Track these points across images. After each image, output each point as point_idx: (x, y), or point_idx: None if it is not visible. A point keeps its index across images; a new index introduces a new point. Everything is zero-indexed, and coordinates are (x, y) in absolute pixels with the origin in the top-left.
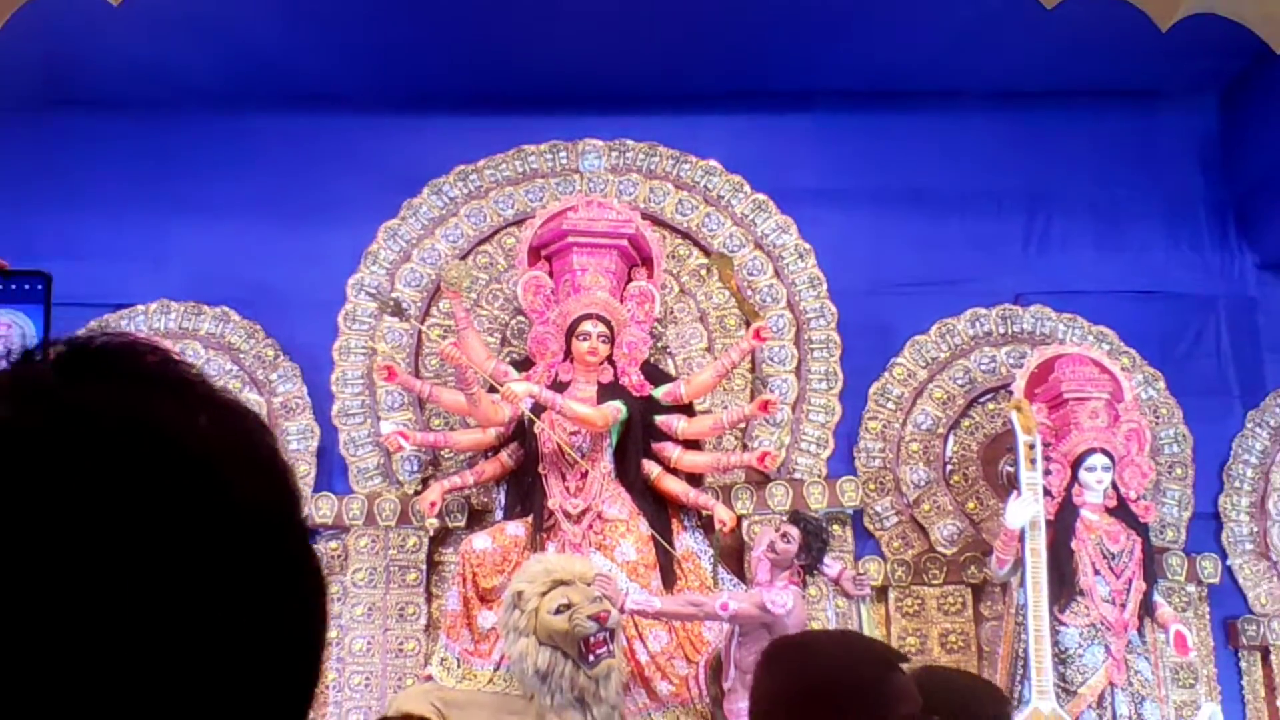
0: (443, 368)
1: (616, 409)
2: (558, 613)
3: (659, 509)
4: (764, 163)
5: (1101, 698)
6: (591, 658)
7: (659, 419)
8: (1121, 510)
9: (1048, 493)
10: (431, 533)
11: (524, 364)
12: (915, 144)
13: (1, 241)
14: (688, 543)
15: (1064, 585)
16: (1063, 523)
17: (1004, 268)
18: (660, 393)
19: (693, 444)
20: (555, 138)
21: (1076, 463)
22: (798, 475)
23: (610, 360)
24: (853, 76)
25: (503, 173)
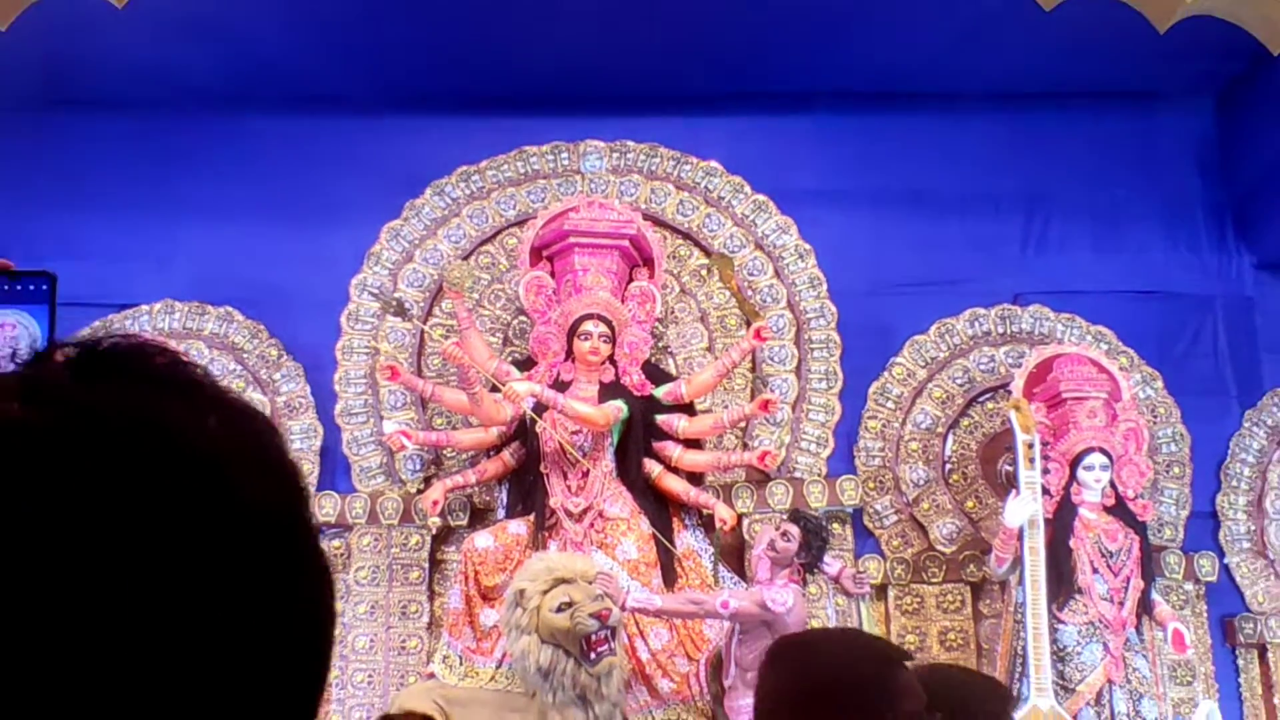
0: (445, 367)
1: (618, 408)
2: (559, 611)
3: (660, 507)
4: (764, 164)
5: (1100, 695)
6: (593, 655)
7: (660, 418)
8: (1119, 509)
9: (1046, 491)
10: (434, 531)
11: (526, 363)
12: (914, 145)
13: (6, 241)
14: (688, 541)
15: (1062, 583)
16: (1061, 521)
17: (1003, 268)
18: (661, 392)
19: (693, 443)
20: (557, 139)
21: (1075, 462)
22: (798, 474)
23: (611, 360)
24: (852, 78)
25: (505, 173)
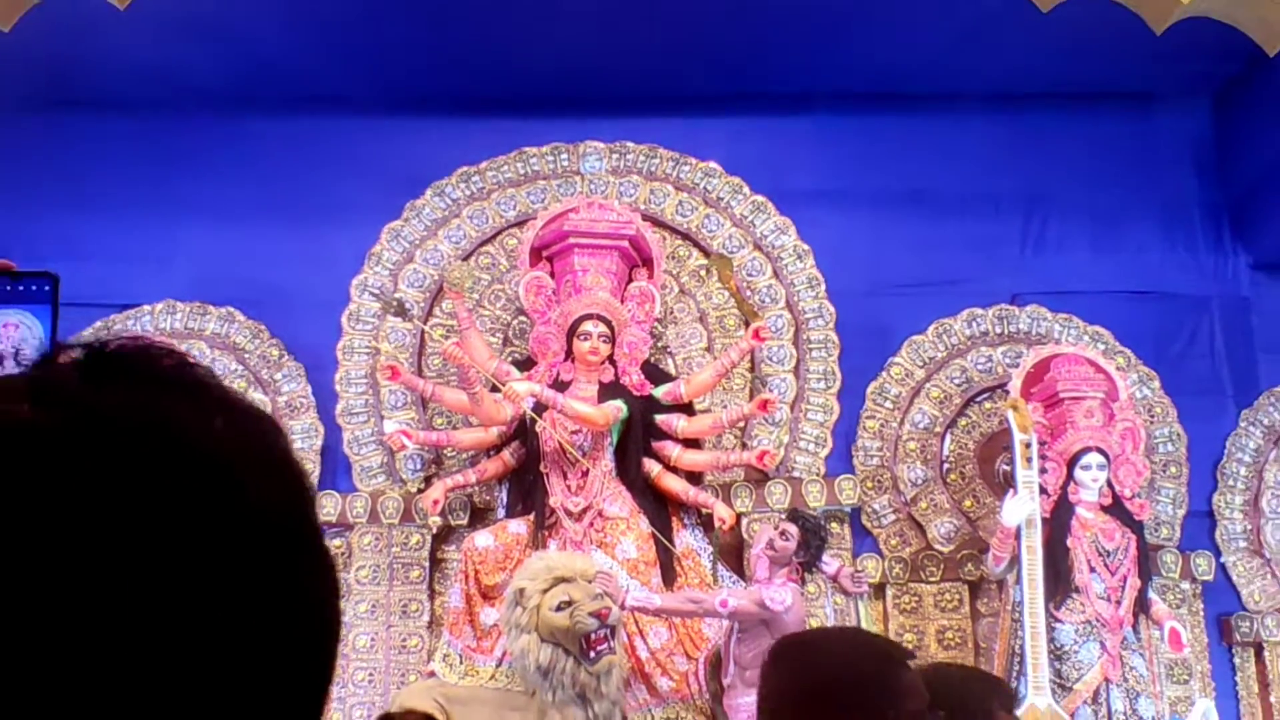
0: (445, 367)
1: (617, 408)
2: (559, 609)
3: (659, 507)
4: (763, 164)
5: (1097, 694)
6: (593, 654)
7: (659, 418)
8: (1117, 508)
9: (1044, 491)
10: (434, 530)
11: (526, 363)
12: (912, 146)
13: (9, 242)
14: (688, 540)
15: (1060, 582)
16: (1058, 520)
17: (1001, 268)
18: (660, 392)
19: (692, 443)
20: (556, 140)
21: (1072, 461)
22: (796, 473)
23: (611, 360)
24: (850, 79)
25: (504, 174)
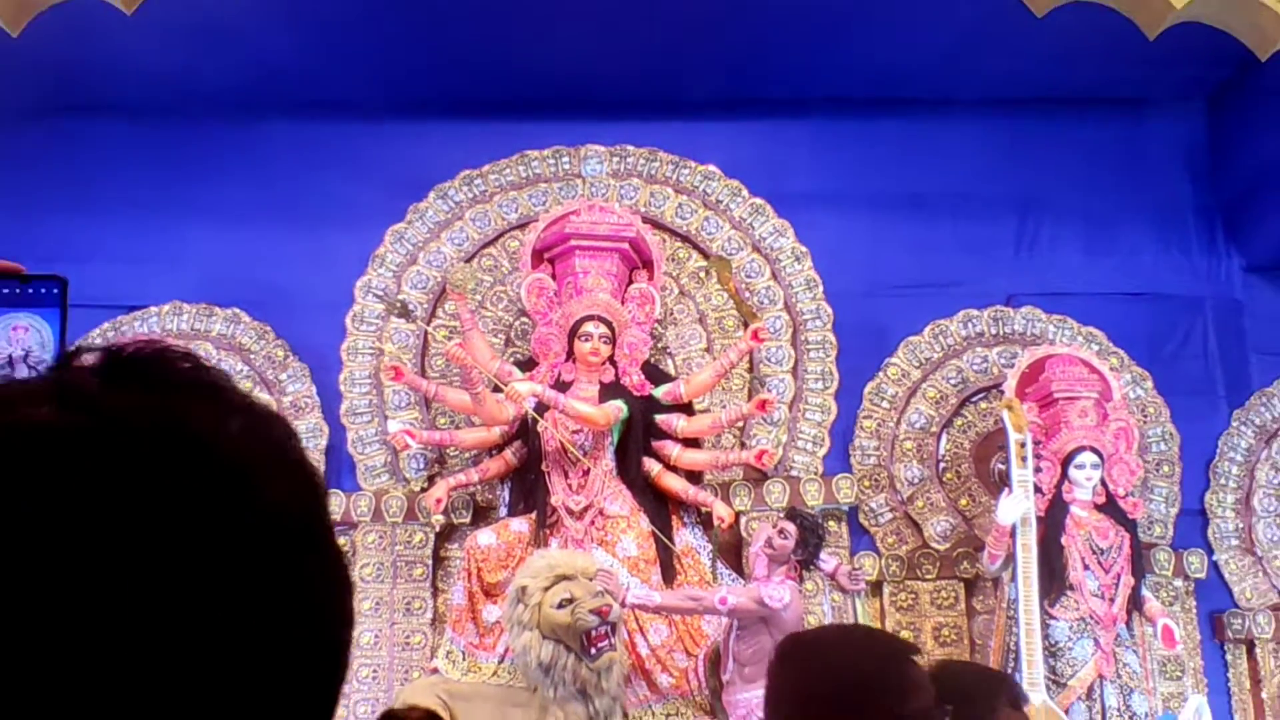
0: (448, 368)
1: (618, 408)
2: (560, 607)
3: (659, 505)
4: (762, 168)
5: (1091, 690)
6: (593, 651)
7: (659, 418)
8: (1110, 507)
9: (1038, 490)
10: (437, 529)
11: (528, 364)
12: (909, 150)
13: (17, 244)
14: (687, 538)
15: (1054, 580)
16: (1053, 519)
17: (996, 270)
18: (660, 392)
19: (692, 442)
20: (558, 143)
21: (1066, 460)
22: (794, 472)
23: (612, 360)
24: (848, 84)
25: (506, 177)
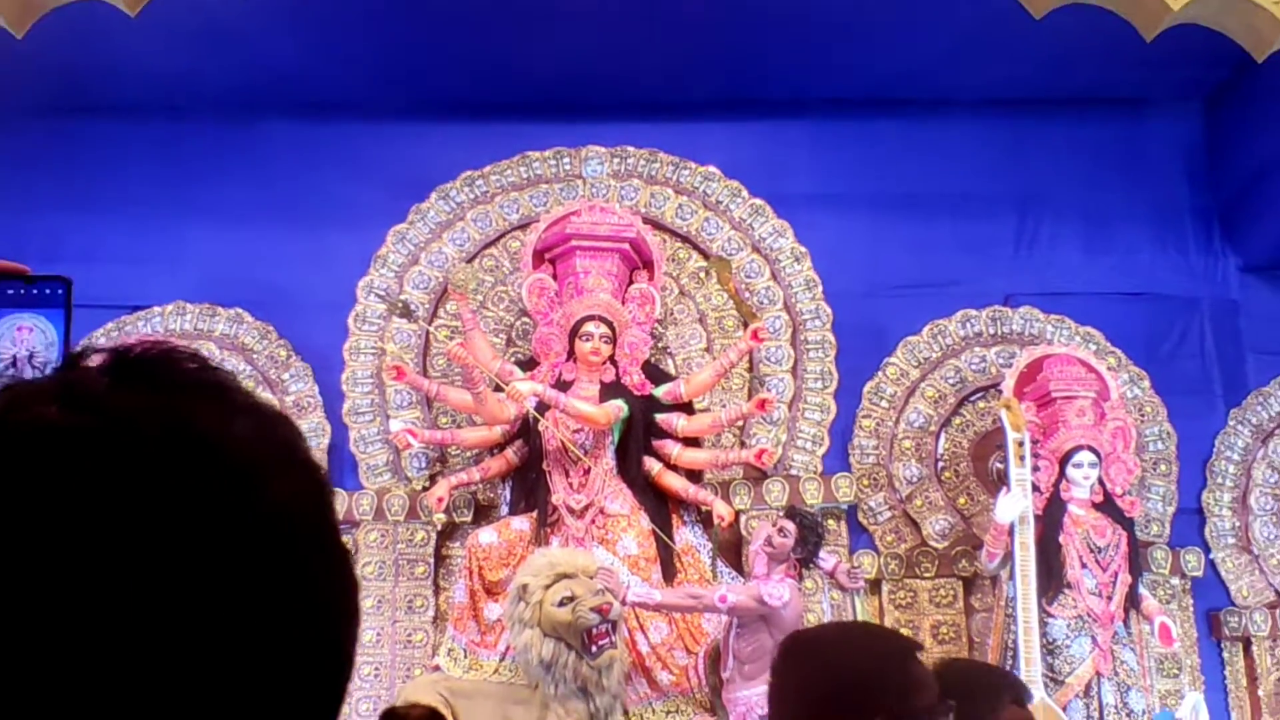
0: (450, 367)
1: (618, 407)
2: (561, 605)
3: (659, 504)
4: (761, 168)
5: (1088, 687)
6: (594, 648)
7: (659, 417)
8: (1108, 505)
9: (1036, 489)
10: (439, 527)
11: (529, 364)
12: (908, 150)
13: (21, 244)
14: (687, 537)
15: (1052, 578)
16: (1051, 518)
17: (994, 270)
18: (661, 392)
19: (692, 441)
20: (559, 144)
21: (1064, 459)
22: (794, 471)
23: (612, 360)
24: (847, 85)
25: (508, 178)
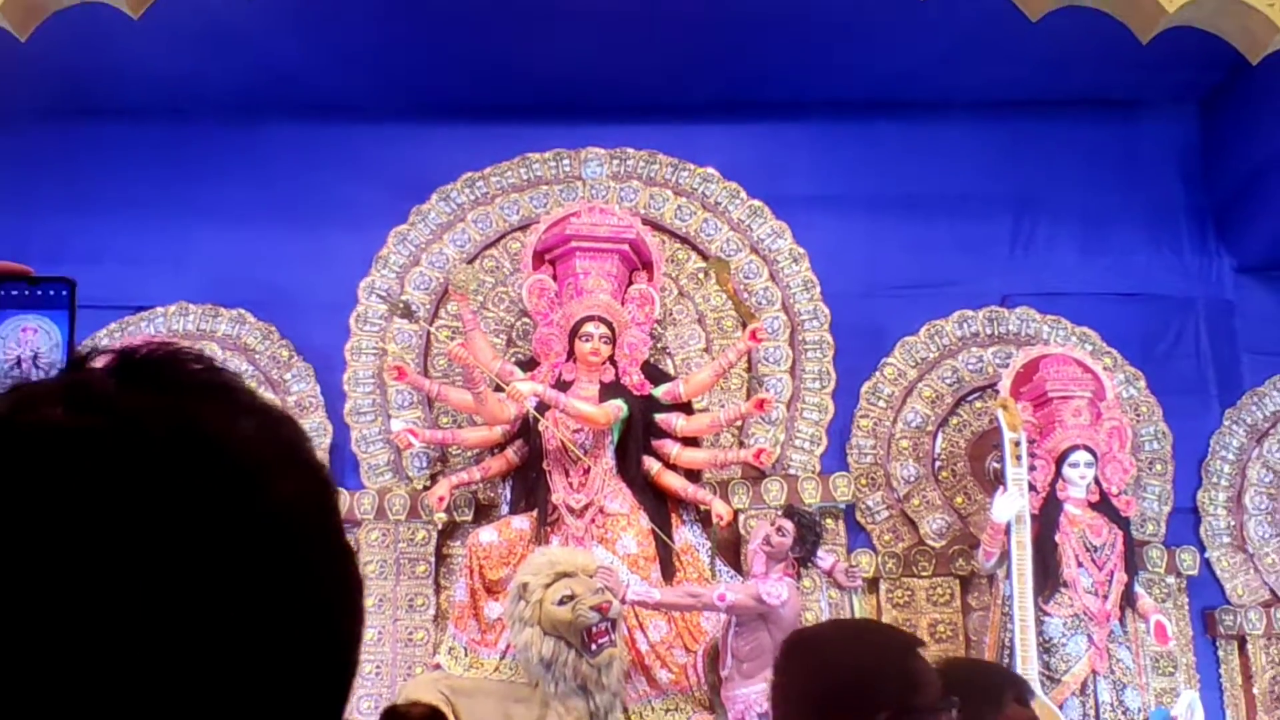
0: (451, 368)
1: (618, 407)
2: (561, 604)
3: (659, 504)
4: (760, 170)
5: (1084, 685)
6: (594, 647)
7: (659, 417)
8: (1104, 505)
9: (1033, 488)
10: (440, 526)
11: (529, 364)
12: (906, 151)
13: (25, 246)
14: (686, 536)
15: (1048, 577)
16: (1047, 517)
17: (991, 271)
18: (660, 392)
19: (691, 441)
20: (558, 146)
21: (1060, 459)
22: (792, 471)
23: (612, 360)
24: (845, 87)
25: (508, 180)
